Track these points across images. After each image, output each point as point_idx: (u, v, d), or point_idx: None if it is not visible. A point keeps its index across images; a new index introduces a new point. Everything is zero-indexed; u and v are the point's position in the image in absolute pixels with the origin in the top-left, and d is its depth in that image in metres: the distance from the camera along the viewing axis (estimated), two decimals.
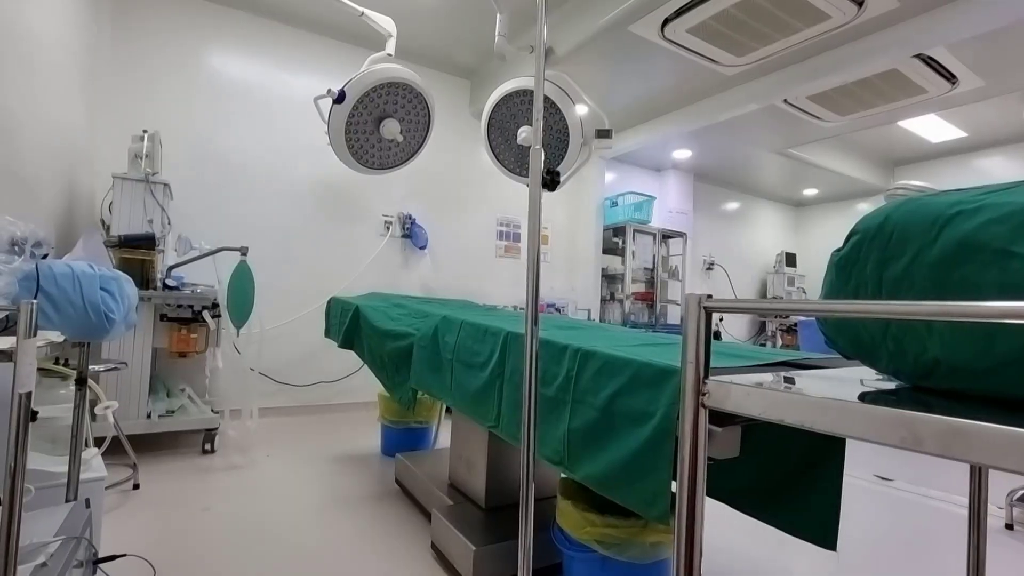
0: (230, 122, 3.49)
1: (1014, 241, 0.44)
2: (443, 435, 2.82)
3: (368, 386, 3.39)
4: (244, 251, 2.79)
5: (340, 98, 2.61)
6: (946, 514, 2.27)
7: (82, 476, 1.32)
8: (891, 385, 0.66)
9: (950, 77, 3.50)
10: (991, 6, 2.62)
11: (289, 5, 3.50)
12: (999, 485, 2.17)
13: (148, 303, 2.54)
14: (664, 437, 0.90)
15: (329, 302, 2.71)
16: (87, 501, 1.27)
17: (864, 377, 0.75)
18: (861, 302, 0.51)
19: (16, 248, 0.97)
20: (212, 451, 2.67)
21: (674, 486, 0.79)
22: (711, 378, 0.57)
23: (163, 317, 2.60)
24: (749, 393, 0.54)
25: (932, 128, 4.92)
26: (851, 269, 0.58)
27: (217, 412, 2.80)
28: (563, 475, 1.54)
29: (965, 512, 1.07)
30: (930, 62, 3.32)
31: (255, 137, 3.57)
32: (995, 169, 5.31)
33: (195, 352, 2.69)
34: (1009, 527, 2.14)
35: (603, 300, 5.46)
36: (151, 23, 3.25)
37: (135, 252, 2.52)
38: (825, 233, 7.41)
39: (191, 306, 2.62)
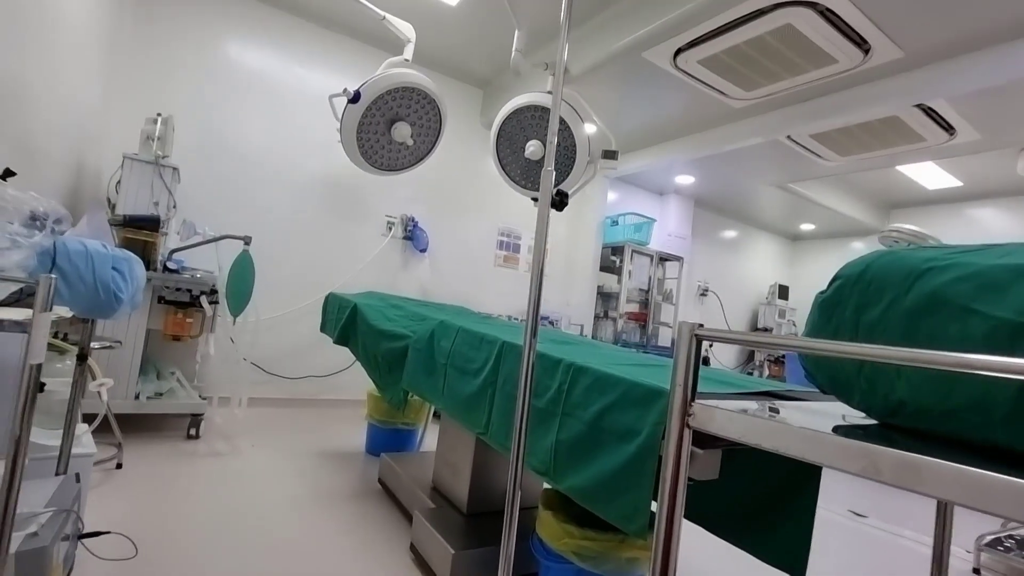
0: (243, 112, 3.53)
1: (975, 299, 0.48)
2: (429, 438, 2.84)
3: (357, 383, 3.41)
4: (248, 240, 2.82)
5: (355, 98, 2.65)
6: (915, 554, 2.32)
7: (73, 451, 1.34)
8: (867, 422, 0.71)
9: (948, 128, 3.60)
10: (991, 65, 2.72)
11: (312, 2, 3.56)
12: (969, 529, 2.22)
13: (147, 284, 2.55)
14: (648, 455, 0.93)
15: (327, 298, 2.73)
16: (77, 476, 1.28)
17: (846, 413, 0.80)
18: (839, 343, 0.55)
19: (38, 223, 1.00)
20: (197, 437, 2.68)
21: (653, 504, 0.83)
22: (697, 401, 0.61)
23: (160, 299, 2.61)
24: (732, 418, 0.58)
25: (929, 175, 5.04)
26: (832, 311, 0.63)
27: (205, 398, 2.81)
28: (546, 486, 1.57)
29: (931, 552, 1.11)
30: (930, 112, 3.42)
31: (266, 129, 3.61)
32: (987, 219, 5.44)
33: (189, 336, 2.71)
34: (976, 572, 2.18)
35: (597, 317, 5.51)
36: (174, 8, 3.30)
37: (139, 232, 2.54)
38: (819, 269, 7.51)
39: (189, 290, 2.64)
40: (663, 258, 5.82)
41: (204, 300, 2.65)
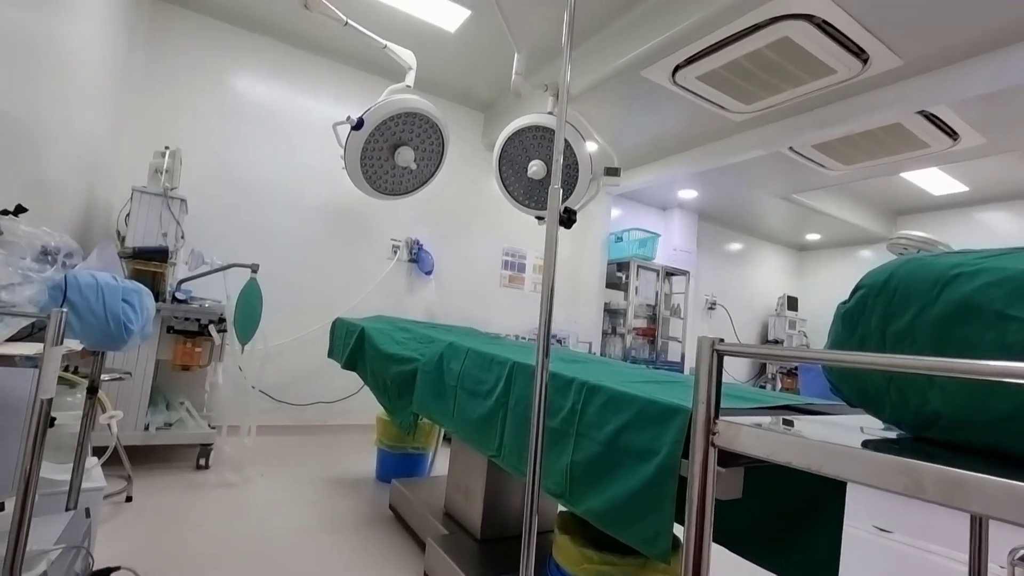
0: (250, 143, 3.59)
1: (1011, 304, 0.47)
2: (440, 462, 2.79)
3: (366, 408, 3.39)
4: (255, 268, 2.83)
5: (359, 125, 2.69)
6: (945, 569, 2.23)
7: (83, 485, 1.32)
8: (891, 434, 0.68)
9: (952, 133, 3.60)
10: (992, 69, 2.72)
11: (315, 34, 3.64)
12: (1000, 543, 2.14)
13: (157, 315, 2.56)
14: (668, 475, 0.90)
15: (334, 323, 2.73)
16: (87, 511, 1.26)
17: (864, 425, 0.77)
18: (866, 354, 0.53)
19: (49, 258, 1.00)
20: (206, 467, 2.65)
21: (676, 526, 0.80)
22: (722, 418, 0.59)
23: (170, 329, 2.62)
24: (759, 435, 0.56)
25: (934, 181, 5.02)
26: (856, 321, 0.61)
27: (214, 428, 2.79)
28: (562, 508, 1.53)
29: (964, 568, 1.06)
30: (932, 119, 3.42)
31: (272, 158, 3.66)
32: (995, 223, 5.39)
33: (198, 366, 2.70)
34: None
35: (605, 334, 5.47)
36: (183, 44, 3.39)
37: (148, 264, 2.56)
38: (827, 278, 7.44)
39: (198, 319, 2.64)
40: (669, 273, 5.80)
41: (212, 329, 2.65)
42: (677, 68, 3.14)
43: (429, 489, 2.26)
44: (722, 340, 0.58)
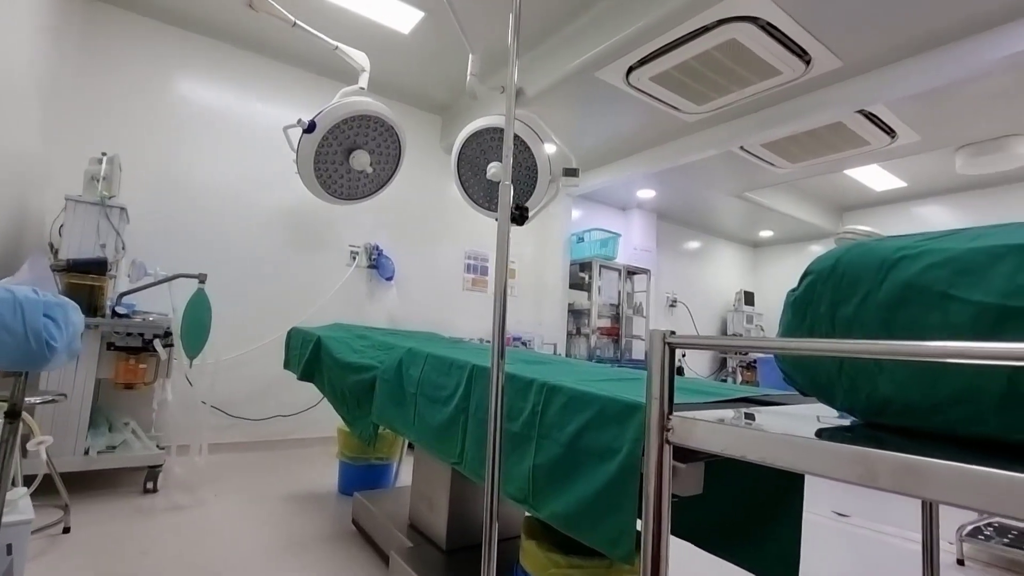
0: (195, 148, 3.42)
1: (953, 285, 0.47)
2: (405, 472, 2.72)
3: (327, 420, 3.28)
4: (202, 278, 2.70)
5: (310, 128, 2.60)
6: (901, 550, 2.32)
7: (6, 519, 1.21)
8: (845, 422, 0.69)
9: (889, 131, 3.78)
10: (924, 70, 2.87)
11: (261, 35, 3.52)
12: (949, 520, 2.24)
13: (94, 331, 2.40)
14: (629, 473, 0.89)
15: (289, 333, 2.63)
16: (8, 547, 1.15)
17: (820, 414, 0.77)
18: (816, 340, 0.53)
19: None
20: (155, 490, 2.50)
21: (638, 524, 0.79)
22: (675, 414, 0.57)
23: (110, 346, 2.46)
24: (713, 430, 0.54)
25: (875, 177, 5.27)
26: (806, 309, 0.61)
27: (163, 448, 2.63)
28: (527, 514, 1.50)
29: (918, 547, 1.09)
30: (871, 117, 3.59)
31: (219, 164, 3.51)
32: (932, 216, 5.71)
33: (143, 384, 2.55)
34: (960, 563, 2.20)
35: (569, 334, 5.49)
36: (119, 46, 3.21)
37: (84, 277, 2.40)
38: (780, 273, 7.73)
39: (141, 334, 2.49)
40: (631, 272, 5.88)
41: (158, 344, 2.51)
42: (631, 69, 3.19)
43: (393, 501, 2.19)
44: (673, 332, 0.57)
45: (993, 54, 2.61)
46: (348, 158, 2.85)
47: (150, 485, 2.50)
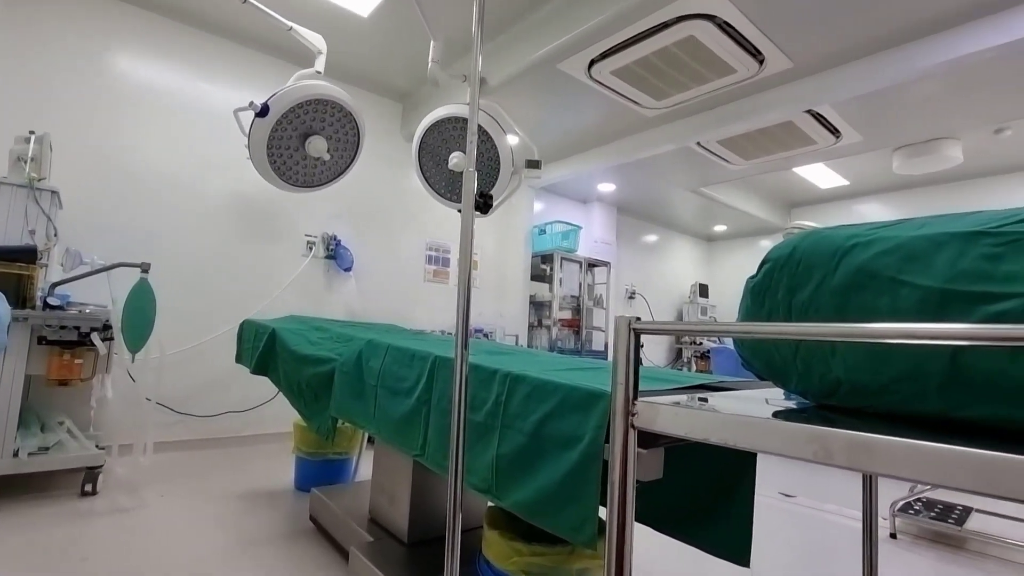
0: (136, 129, 3.22)
1: (902, 270, 0.49)
2: (364, 467, 2.68)
3: (283, 415, 3.18)
4: (145, 268, 2.55)
5: (263, 111, 2.49)
6: (840, 526, 2.47)
7: None
8: (793, 404, 0.72)
9: (835, 131, 3.97)
10: (866, 73, 3.03)
11: (210, 12, 3.33)
12: (883, 497, 2.39)
13: (23, 324, 2.23)
14: (592, 460, 0.90)
15: (242, 325, 2.52)
16: None
17: (769, 397, 0.81)
18: (774, 324, 0.55)
19: None
20: (94, 492, 2.36)
21: (602, 511, 0.80)
22: (640, 399, 0.58)
23: (42, 340, 2.29)
24: (677, 413, 0.55)
25: (821, 175, 5.53)
26: (764, 295, 0.63)
27: (103, 448, 2.48)
28: (490, 504, 1.50)
29: (857, 524, 1.16)
30: (819, 117, 3.75)
31: (165, 147, 3.31)
32: (871, 213, 6.05)
33: (80, 380, 2.39)
34: (893, 536, 2.35)
35: (531, 326, 5.53)
36: (46, 17, 2.96)
37: (10, 266, 2.22)
38: (733, 266, 8.04)
39: (77, 327, 2.33)
40: (591, 264, 5.96)
41: (96, 337, 2.35)
42: (592, 63, 3.21)
43: (352, 496, 2.15)
44: (639, 319, 0.58)
45: (928, 60, 2.77)
46: (304, 144, 2.74)
47: (89, 487, 2.35)
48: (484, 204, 0.99)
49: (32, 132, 2.47)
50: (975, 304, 0.45)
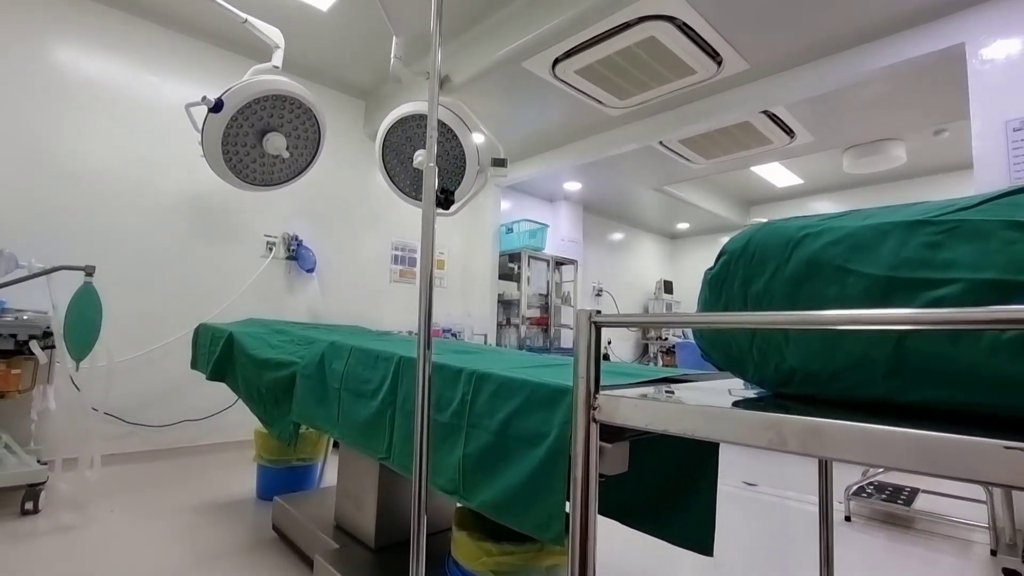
0: (77, 123, 3.04)
1: (849, 259, 0.51)
2: (330, 472, 2.61)
3: (243, 423, 3.07)
4: (90, 271, 2.41)
5: (217, 107, 2.40)
6: (800, 511, 2.56)
7: None
8: (752, 393, 0.73)
9: (789, 132, 4.11)
10: (817, 75, 3.15)
11: (160, 3, 3.19)
12: (838, 482, 2.50)
13: None
14: (558, 457, 0.90)
15: (197, 330, 2.42)
16: None
17: (732, 387, 0.82)
18: (727, 314, 0.55)
19: None
20: (35, 511, 2.22)
21: (567, 507, 0.80)
22: (601, 392, 0.58)
23: None
24: (637, 405, 0.55)
25: (777, 174, 5.73)
26: (721, 286, 0.64)
27: (45, 463, 2.34)
28: (458, 505, 1.49)
29: (815, 508, 1.20)
30: (774, 118, 3.88)
31: (111, 143, 3.15)
32: (824, 211, 6.28)
33: (17, 392, 2.25)
34: (848, 519, 2.46)
35: (500, 325, 5.52)
36: None
37: None
38: (695, 263, 8.26)
39: (13, 335, 2.19)
40: (559, 262, 6.00)
41: (35, 345, 2.22)
42: (556, 61, 3.22)
43: (317, 502, 2.09)
44: (599, 312, 0.58)
45: (875, 63, 2.90)
46: (261, 141, 2.66)
47: (29, 505, 2.21)
48: (445, 200, 0.98)
49: None
50: (917, 291, 0.47)
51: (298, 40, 3.36)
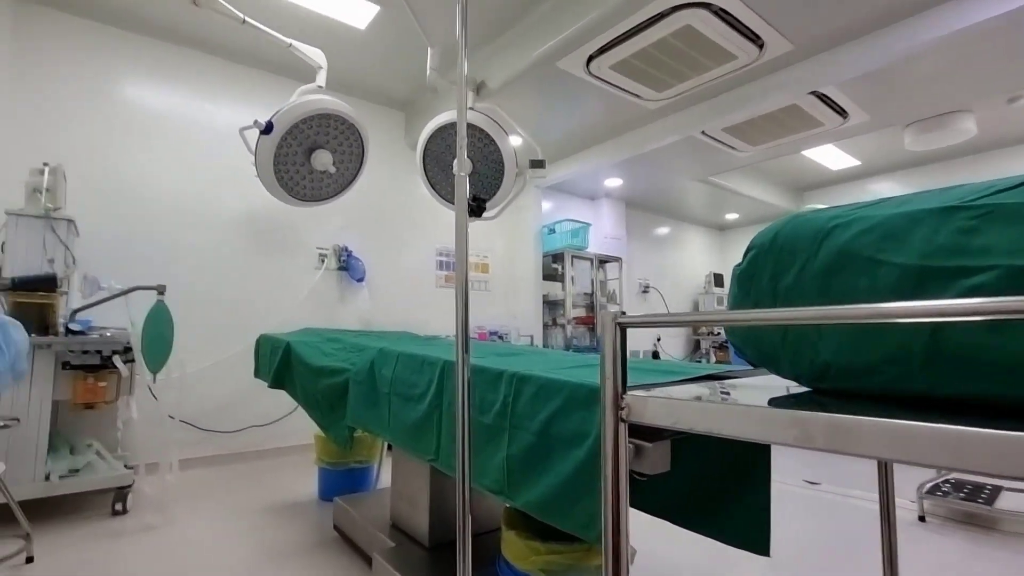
0: (147, 154, 3.30)
1: (880, 250, 0.49)
2: (386, 474, 2.70)
3: (304, 427, 3.22)
4: (161, 290, 2.61)
5: (267, 129, 2.54)
6: (867, 512, 2.42)
7: None
8: (799, 390, 0.71)
9: (841, 112, 3.90)
10: (869, 51, 2.97)
11: (210, 35, 3.41)
12: (911, 480, 2.34)
13: (47, 351, 2.30)
14: (599, 457, 0.90)
15: (258, 340, 2.57)
16: None
17: (773, 383, 0.80)
18: (753, 311, 0.54)
19: None
20: (124, 512, 2.42)
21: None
22: (629, 393, 0.58)
23: (66, 365, 2.36)
24: (663, 405, 0.55)
25: (831, 157, 5.43)
26: (750, 282, 0.62)
27: (131, 467, 2.55)
28: (506, 504, 1.51)
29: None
30: (823, 98, 3.69)
31: (175, 169, 3.39)
32: (885, 192, 5.90)
33: (104, 403, 2.46)
34: (922, 519, 2.30)
35: (545, 326, 5.52)
36: (56, 49, 3.06)
37: (32, 295, 2.30)
38: None
39: (99, 351, 2.40)
40: (603, 260, 5.93)
41: (118, 360, 2.42)
42: (591, 58, 3.20)
43: (374, 503, 2.18)
44: (623, 313, 0.58)
45: (934, 32, 2.71)
46: (309, 158, 2.79)
47: (119, 507, 2.42)
48: (477, 208, 1.00)
49: (46, 164, 2.54)
50: (952, 279, 0.44)
51: (339, 58, 3.49)
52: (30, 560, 1.91)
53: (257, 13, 2.78)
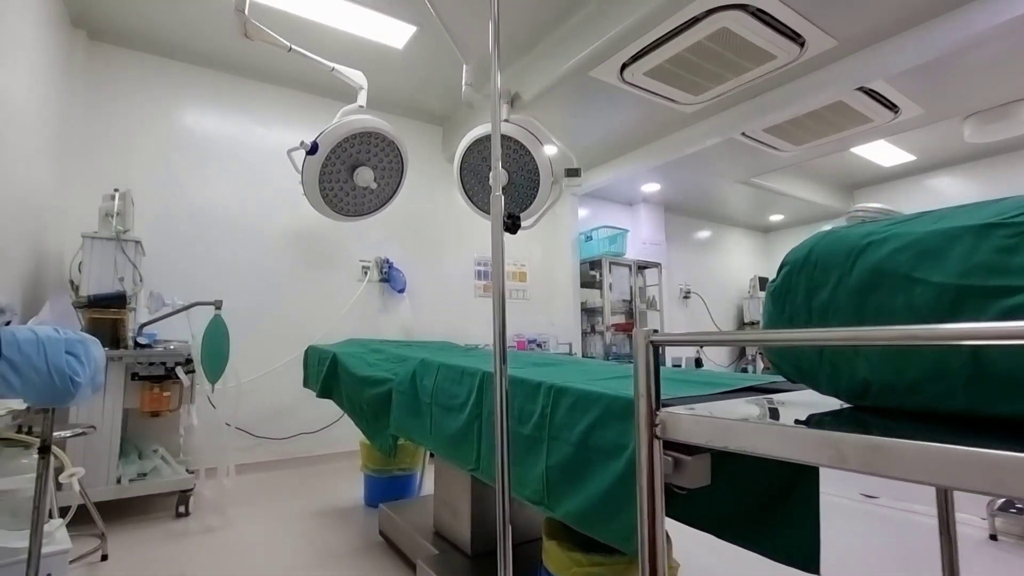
0: (203, 176, 3.51)
1: (916, 267, 0.48)
2: (428, 481, 2.75)
3: (350, 435, 3.32)
4: (218, 305, 2.77)
5: (313, 149, 2.66)
6: (929, 528, 2.28)
7: (44, 550, 1.26)
8: (844, 407, 0.69)
9: (892, 106, 3.73)
10: (918, 42, 2.83)
11: (260, 63, 3.60)
12: (982, 497, 2.20)
13: (119, 363, 2.48)
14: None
15: (306, 351, 2.68)
16: None
17: (817, 399, 0.78)
18: (787, 331, 0.54)
19: None
20: (187, 514, 2.57)
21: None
22: (664, 409, 0.59)
23: (134, 376, 2.53)
24: (697, 422, 0.56)
25: (883, 153, 5.18)
26: (784, 299, 0.62)
27: (192, 472, 2.70)
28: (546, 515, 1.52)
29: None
30: (872, 94, 3.54)
31: (228, 190, 3.59)
32: (943, 187, 5.60)
33: (168, 411, 2.62)
34: (993, 537, 2.16)
35: (584, 333, 5.49)
36: (123, 83, 3.31)
37: (105, 312, 2.48)
38: None
39: (163, 363, 2.56)
40: (641, 266, 5.86)
41: (180, 371, 2.58)
42: (624, 66, 3.19)
43: (418, 510, 2.23)
44: (656, 331, 0.59)
45: (987, 22, 2.57)
46: (352, 175, 2.90)
47: (182, 509, 2.56)
48: (512, 225, 1.03)
49: (116, 190, 2.75)
50: (991, 299, 0.43)
51: (378, 77, 3.62)
52: (105, 558, 2.06)
53: (302, 40, 2.93)
